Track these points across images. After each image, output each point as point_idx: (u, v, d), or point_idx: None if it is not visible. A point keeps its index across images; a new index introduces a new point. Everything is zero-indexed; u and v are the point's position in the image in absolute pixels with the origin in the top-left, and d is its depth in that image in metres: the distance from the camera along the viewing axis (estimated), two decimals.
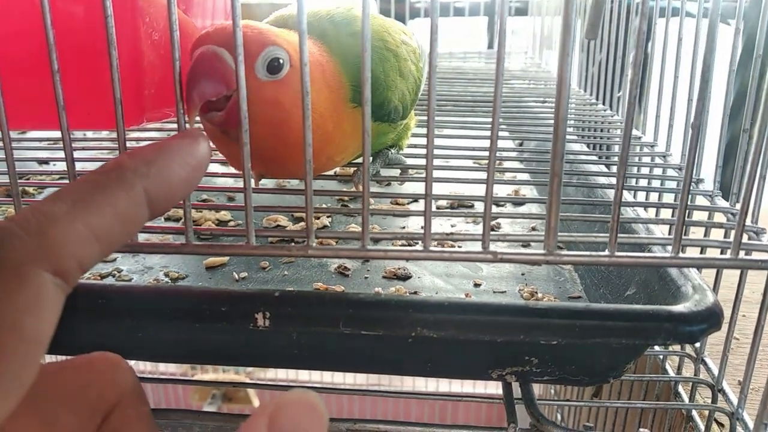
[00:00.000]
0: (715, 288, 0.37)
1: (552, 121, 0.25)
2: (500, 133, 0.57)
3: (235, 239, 0.29)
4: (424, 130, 0.47)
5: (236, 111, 0.27)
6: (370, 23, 0.41)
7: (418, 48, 0.44)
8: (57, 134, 0.52)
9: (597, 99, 0.65)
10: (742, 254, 0.28)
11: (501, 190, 0.57)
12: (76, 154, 0.57)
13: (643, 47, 0.24)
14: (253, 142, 0.27)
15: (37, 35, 0.26)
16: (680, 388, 0.42)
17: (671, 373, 0.43)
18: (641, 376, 0.44)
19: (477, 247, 0.28)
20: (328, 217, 0.52)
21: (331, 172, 0.46)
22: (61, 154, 0.28)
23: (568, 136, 0.57)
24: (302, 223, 0.50)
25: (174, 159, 0.21)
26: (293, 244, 0.32)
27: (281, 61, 0.31)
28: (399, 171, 0.44)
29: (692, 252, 0.33)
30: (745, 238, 0.29)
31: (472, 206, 0.52)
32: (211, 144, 0.24)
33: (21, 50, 0.31)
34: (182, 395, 1.40)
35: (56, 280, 0.17)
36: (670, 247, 0.28)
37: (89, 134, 0.62)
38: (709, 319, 0.29)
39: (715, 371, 0.38)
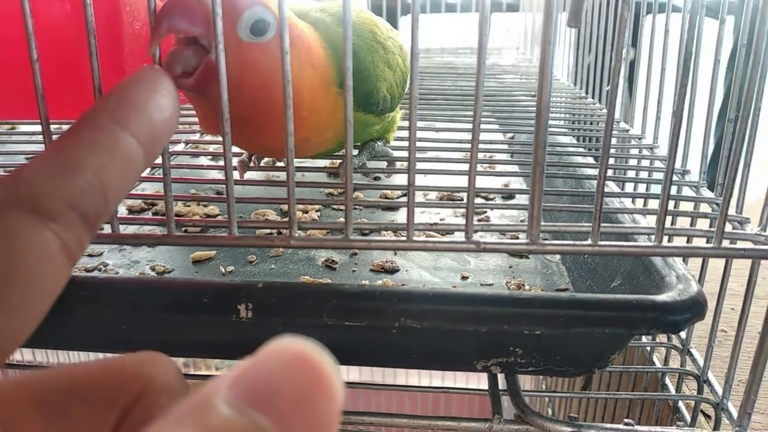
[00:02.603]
0: (701, 279, 0.37)
1: None
2: (491, 127, 0.57)
3: (220, 227, 0.29)
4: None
5: (209, 72, 0.26)
6: (360, 17, 0.41)
7: (403, 45, 0.44)
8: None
9: (587, 93, 0.65)
10: (725, 243, 0.28)
11: (491, 183, 0.57)
12: None
13: (624, 34, 0.24)
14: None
15: (17, 21, 0.26)
16: (667, 380, 0.42)
17: (658, 364, 0.43)
18: (628, 367, 0.44)
19: (461, 237, 0.28)
20: (316, 211, 0.52)
21: (321, 164, 0.46)
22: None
23: (557, 129, 0.57)
24: None
25: (147, 97, 0.20)
26: (277, 235, 0.32)
27: (267, 23, 0.29)
28: (386, 164, 0.43)
29: (679, 243, 0.33)
30: (729, 228, 0.29)
31: (461, 200, 0.52)
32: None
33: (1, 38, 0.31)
34: None
35: (39, 219, 0.17)
36: (653, 236, 0.28)
37: None
38: (693, 308, 0.29)
39: (701, 363, 0.39)
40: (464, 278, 0.43)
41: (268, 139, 0.33)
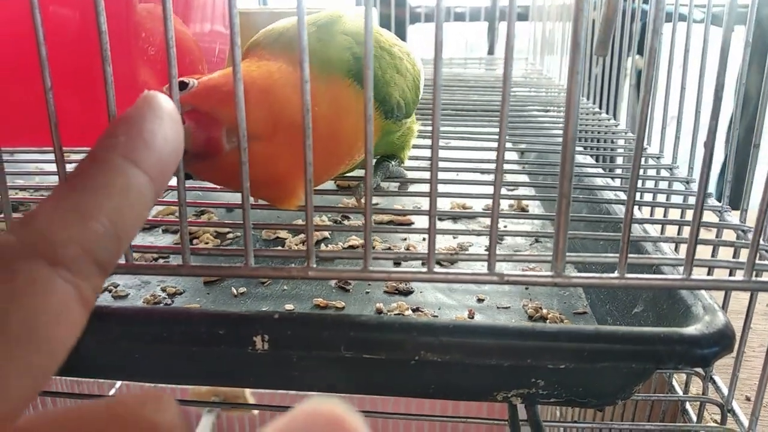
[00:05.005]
0: (725, 306, 0.36)
1: (555, 131, 0.24)
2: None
3: (235, 256, 0.29)
4: (425, 141, 0.46)
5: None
6: (356, 27, 0.40)
7: (411, 52, 0.44)
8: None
9: (600, 108, 0.65)
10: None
11: (503, 197, 0.56)
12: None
13: (654, 65, 0.23)
14: None
15: (28, 44, 0.25)
16: (688, 406, 0.41)
17: (678, 389, 0.42)
18: (650, 395, 0.43)
19: (482, 265, 0.27)
20: (328, 230, 0.51)
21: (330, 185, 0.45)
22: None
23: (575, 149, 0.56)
24: (302, 235, 0.49)
25: (155, 129, 0.20)
26: (294, 264, 0.32)
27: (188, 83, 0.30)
28: (398, 185, 0.43)
29: (701, 270, 0.32)
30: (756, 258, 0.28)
31: (475, 218, 0.52)
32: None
33: (8, 62, 0.31)
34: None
35: (55, 270, 0.16)
36: (680, 267, 0.27)
37: None
38: (721, 341, 0.28)
39: (724, 390, 0.38)
40: (480, 301, 0.42)
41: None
